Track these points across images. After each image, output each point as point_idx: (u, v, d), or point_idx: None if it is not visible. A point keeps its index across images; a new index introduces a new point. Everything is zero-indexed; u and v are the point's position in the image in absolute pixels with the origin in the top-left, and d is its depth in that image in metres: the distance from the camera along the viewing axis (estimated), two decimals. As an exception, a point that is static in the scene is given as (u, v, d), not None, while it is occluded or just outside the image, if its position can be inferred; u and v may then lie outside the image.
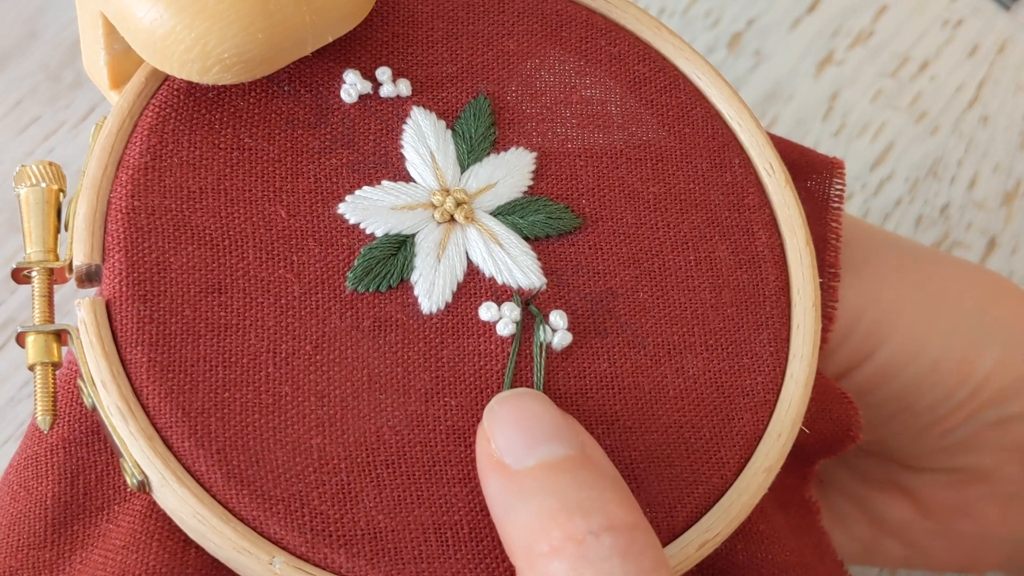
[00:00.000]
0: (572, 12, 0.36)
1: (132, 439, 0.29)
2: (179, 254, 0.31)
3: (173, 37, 0.30)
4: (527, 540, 0.27)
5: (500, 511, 0.28)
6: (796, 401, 0.32)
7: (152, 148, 0.32)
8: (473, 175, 0.33)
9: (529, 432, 0.28)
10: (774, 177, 0.35)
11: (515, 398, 0.29)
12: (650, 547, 0.27)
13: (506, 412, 0.29)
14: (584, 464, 0.28)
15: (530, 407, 0.29)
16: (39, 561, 0.31)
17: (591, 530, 0.26)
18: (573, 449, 0.28)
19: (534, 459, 0.28)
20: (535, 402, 0.29)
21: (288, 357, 0.30)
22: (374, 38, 0.34)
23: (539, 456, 0.28)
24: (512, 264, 0.32)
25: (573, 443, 0.28)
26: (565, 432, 0.28)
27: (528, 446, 0.28)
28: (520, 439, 0.28)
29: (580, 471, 0.28)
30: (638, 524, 0.27)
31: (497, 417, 0.29)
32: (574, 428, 0.29)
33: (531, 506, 0.27)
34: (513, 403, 0.29)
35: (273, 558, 0.28)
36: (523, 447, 0.28)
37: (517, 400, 0.29)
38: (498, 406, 0.29)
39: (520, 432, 0.28)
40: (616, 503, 0.27)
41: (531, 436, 0.28)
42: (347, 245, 0.32)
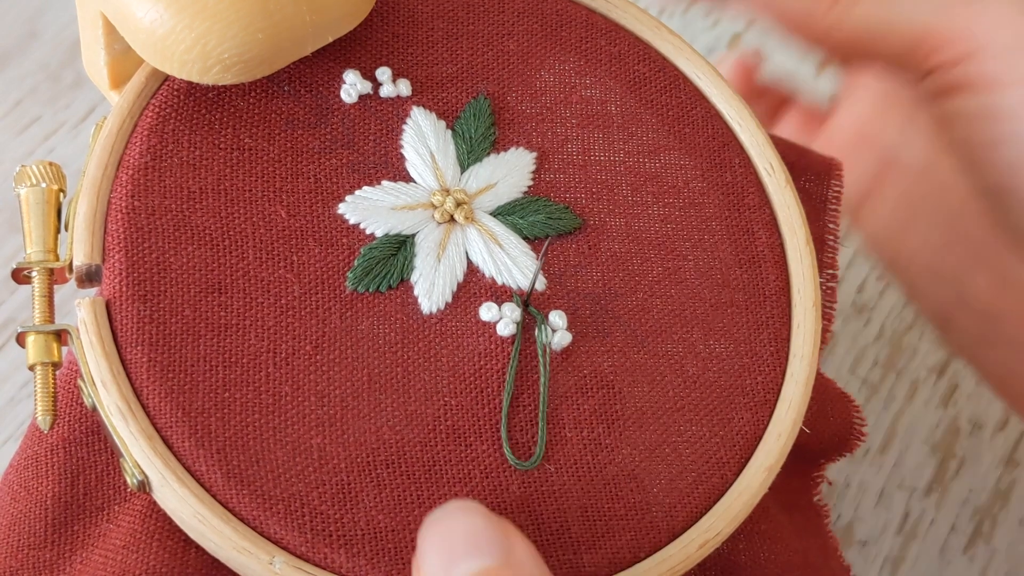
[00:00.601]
0: (572, 12, 0.36)
1: (132, 439, 0.29)
2: (179, 254, 0.31)
3: (173, 37, 0.30)
4: None
5: None
6: (796, 401, 0.32)
7: (152, 148, 0.32)
8: (473, 175, 0.33)
9: (449, 549, 0.27)
10: (774, 177, 0.35)
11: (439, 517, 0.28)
12: None
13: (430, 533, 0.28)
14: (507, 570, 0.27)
15: (452, 521, 0.28)
16: (39, 561, 0.31)
17: None
18: (491, 559, 0.27)
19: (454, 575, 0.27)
20: (459, 514, 0.28)
21: (288, 357, 0.30)
22: (374, 38, 0.34)
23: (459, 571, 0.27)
24: (512, 264, 0.32)
25: (494, 552, 0.27)
26: (485, 543, 0.27)
27: (447, 564, 0.27)
28: (441, 559, 0.27)
29: None
30: None
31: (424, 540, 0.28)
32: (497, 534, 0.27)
33: None
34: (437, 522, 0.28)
35: (273, 558, 0.28)
36: (442, 567, 0.27)
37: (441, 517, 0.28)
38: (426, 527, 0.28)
39: (441, 551, 0.27)
40: None
41: (451, 553, 0.27)
42: (347, 245, 0.32)
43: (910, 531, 0.51)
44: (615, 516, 0.30)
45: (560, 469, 0.30)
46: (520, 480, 0.30)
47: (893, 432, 0.53)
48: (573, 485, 0.30)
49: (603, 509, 0.30)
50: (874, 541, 0.51)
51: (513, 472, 0.30)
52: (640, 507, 0.30)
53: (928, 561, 0.51)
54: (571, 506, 0.30)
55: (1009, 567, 0.51)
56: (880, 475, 0.52)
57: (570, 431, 0.31)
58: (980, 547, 0.51)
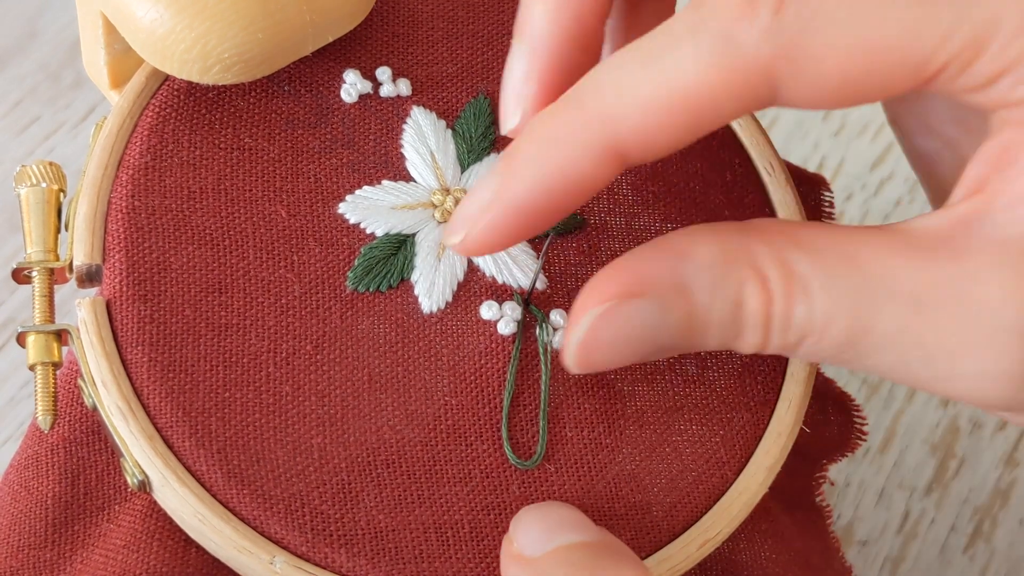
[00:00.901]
0: (572, 12, 0.36)
1: (133, 439, 0.29)
2: (179, 254, 0.31)
3: (173, 37, 0.30)
4: None
5: None
6: (797, 400, 0.32)
7: (152, 148, 0.32)
8: (473, 175, 0.33)
9: (548, 525, 0.28)
10: (774, 176, 0.35)
11: (539, 505, 0.29)
12: None
13: (529, 514, 0.28)
14: (604, 546, 0.27)
15: (552, 509, 0.29)
16: (40, 561, 0.31)
17: None
18: (593, 537, 0.28)
19: (552, 544, 0.27)
20: (558, 506, 0.29)
21: (289, 357, 0.30)
22: (374, 38, 0.34)
23: (557, 542, 0.27)
24: (512, 263, 0.32)
25: (593, 533, 0.28)
26: (584, 523, 0.28)
27: (547, 535, 0.27)
28: (539, 531, 0.28)
29: (600, 550, 0.27)
30: None
31: (520, 519, 0.28)
32: (596, 527, 0.28)
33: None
34: (536, 508, 0.29)
35: (274, 557, 0.28)
36: (542, 537, 0.27)
37: (541, 506, 0.29)
38: (523, 512, 0.29)
39: (539, 526, 0.28)
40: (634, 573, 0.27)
41: (550, 527, 0.28)
42: (347, 245, 0.32)
43: (910, 531, 0.51)
44: (615, 515, 0.30)
45: (560, 469, 0.30)
46: (520, 480, 0.30)
47: (893, 432, 0.53)
48: (573, 485, 0.30)
49: (603, 508, 0.30)
50: (874, 541, 0.51)
51: (513, 471, 0.30)
52: (640, 506, 0.30)
53: (928, 561, 0.51)
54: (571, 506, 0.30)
55: (1009, 567, 0.51)
56: (880, 475, 0.52)
57: (570, 431, 0.31)
58: (980, 547, 0.51)
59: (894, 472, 0.52)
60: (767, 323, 0.26)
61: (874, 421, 0.53)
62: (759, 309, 0.26)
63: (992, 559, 0.51)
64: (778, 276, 0.26)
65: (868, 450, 0.53)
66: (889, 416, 0.54)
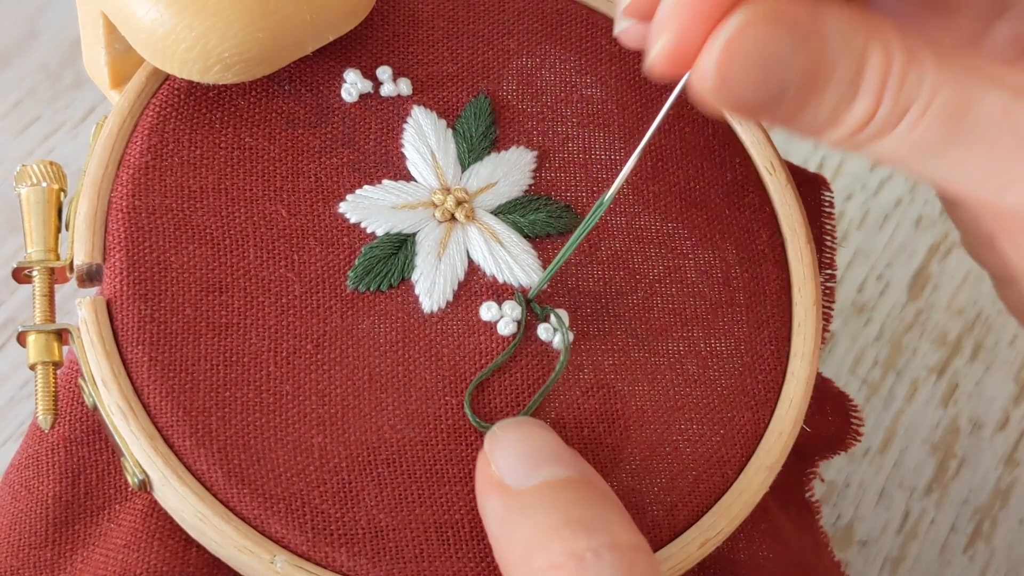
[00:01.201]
0: (573, 11, 0.36)
1: (133, 438, 0.29)
2: (180, 253, 0.31)
3: (174, 36, 0.30)
4: (525, 556, 0.26)
5: (498, 529, 0.27)
6: (797, 400, 0.32)
7: (153, 147, 0.32)
8: (474, 174, 0.33)
9: (531, 454, 0.28)
10: (775, 176, 0.35)
11: (518, 425, 0.29)
12: (651, 570, 0.26)
13: (509, 437, 0.28)
14: (587, 485, 0.27)
15: (533, 433, 0.28)
16: (40, 560, 0.31)
17: (592, 548, 0.26)
18: (576, 472, 0.28)
19: (537, 478, 0.27)
20: (538, 429, 0.29)
21: (289, 356, 0.30)
22: (374, 37, 0.34)
23: (542, 476, 0.27)
24: (513, 263, 0.32)
25: (576, 467, 0.28)
26: (568, 457, 0.28)
27: (531, 467, 0.27)
28: (522, 460, 0.28)
29: (583, 490, 0.27)
30: (640, 546, 0.27)
31: (499, 441, 0.28)
32: (576, 456, 0.28)
33: (533, 520, 0.26)
34: (516, 429, 0.29)
35: (274, 557, 0.28)
36: (526, 468, 0.27)
37: (520, 427, 0.29)
38: (500, 431, 0.29)
39: (522, 454, 0.28)
40: (619, 524, 0.27)
41: (534, 458, 0.28)
42: (348, 244, 0.32)
43: (910, 531, 0.51)
44: (616, 515, 0.30)
45: (561, 468, 0.30)
46: (521, 479, 0.30)
47: (893, 432, 0.53)
48: (574, 484, 0.30)
49: (604, 508, 0.30)
50: (874, 541, 0.51)
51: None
52: (641, 506, 0.30)
53: (928, 561, 0.51)
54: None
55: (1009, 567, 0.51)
56: (880, 475, 0.52)
57: (571, 430, 0.31)
58: (980, 547, 0.51)
59: (894, 472, 0.52)
60: (883, 83, 0.27)
61: (874, 421, 0.53)
62: (879, 67, 0.27)
63: (992, 559, 0.51)
64: (899, 48, 0.27)
65: (868, 450, 0.53)
66: (889, 416, 0.54)
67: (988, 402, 0.54)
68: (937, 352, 0.55)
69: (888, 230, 0.57)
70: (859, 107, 0.27)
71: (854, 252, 0.57)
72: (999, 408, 0.54)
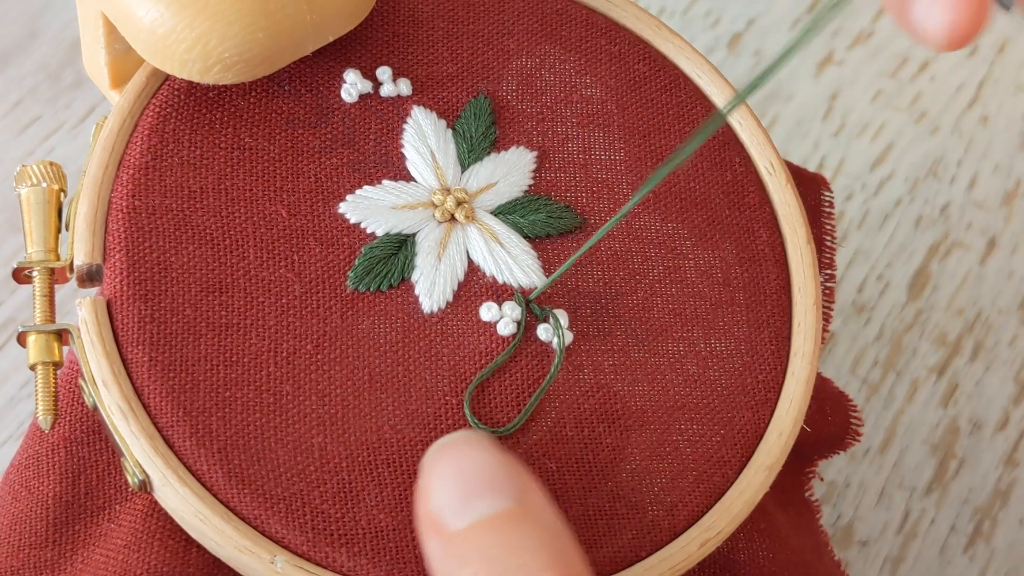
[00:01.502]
0: (572, 11, 0.36)
1: (133, 438, 0.29)
2: (180, 253, 0.31)
3: (174, 37, 0.30)
4: None
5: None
6: (798, 399, 0.32)
7: (153, 148, 0.32)
8: (474, 174, 0.33)
9: (463, 484, 0.26)
10: (775, 176, 0.35)
11: (450, 446, 0.27)
12: None
13: (443, 464, 0.27)
14: (520, 520, 0.26)
15: (465, 455, 0.27)
16: (41, 560, 0.31)
17: None
18: (509, 499, 0.26)
19: (469, 517, 0.26)
20: (472, 448, 0.27)
21: (289, 356, 0.30)
22: (374, 38, 0.34)
23: (474, 514, 0.26)
24: (513, 263, 0.32)
25: (511, 492, 0.26)
26: (503, 479, 0.27)
27: (463, 500, 0.26)
28: (455, 492, 0.26)
29: (515, 529, 0.26)
30: None
31: (434, 470, 0.27)
32: (512, 472, 0.27)
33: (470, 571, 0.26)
34: (449, 452, 0.27)
35: (275, 557, 0.28)
36: (458, 502, 0.26)
37: (452, 448, 0.27)
38: (435, 455, 0.27)
39: (455, 484, 0.27)
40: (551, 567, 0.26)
41: (466, 488, 0.26)
42: (348, 244, 0.32)
43: (910, 531, 0.51)
44: (616, 515, 0.30)
45: (561, 468, 0.30)
46: (521, 479, 0.30)
47: (893, 432, 0.53)
48: (574, 484, 0.30)
49: (604, 508, 0.30)
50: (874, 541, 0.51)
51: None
52: (641, 506, 0.30)
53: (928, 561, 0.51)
54: (572, 505, 0.30)
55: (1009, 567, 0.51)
56: (880, 475, 0.52)
57: (571, 430, 0.31)
58: (980, 547, 0.51)
59: (894, 472, 0.53)
60: None
61: (874, 421, 0.53)
62: None
63: (992, 559, 0.51)
64: None
65: (868, 450, 0.53)
66: (889, 416, 0.54)
67: (988, 402, 0.54)
68: (937, 352, 0.55)
69: (888, 230, 0.57)
70: None
71: (854, 252, 0.57)
72: (999, 408, 0.54)
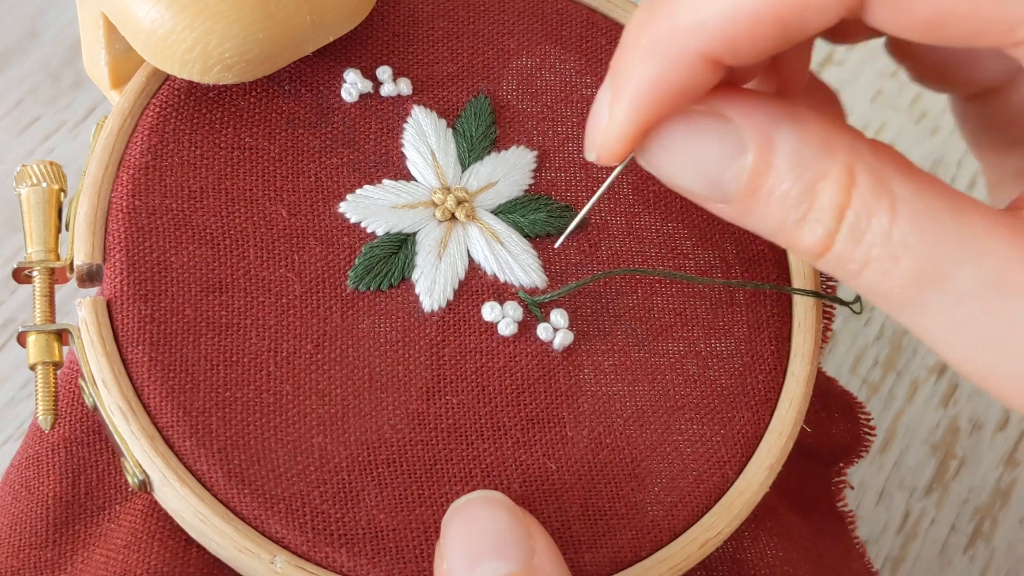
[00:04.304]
0: (573, 11, 0.36)
1: (133, 438, 0.29)
2: (180, 253, 0.31)
3: (174, 37, 0.30)
4: None
5: None
6: (797, 399, 0.32)
7: (153, 148, 0.32)
8: (474, 174, 0.33)
9: (472, 546, 0.27)
10: (775, 176, 0.35)
11: (464, 508, 0.28)
12: None
13: (455, 526, 0.28)
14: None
15: (478, 516, 0.28)
16: (41, 560, 0.31)
17: None
18: (517, 564, 0.27)
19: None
20: (482, 511, 0.28)
21: (289, 356, 0.30)
22: (375, 37, 0.34)
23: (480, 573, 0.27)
24: (513, 262, 0.32)
25: (517, 556, 0.27)
26: (510, 545, 0.27)
27: (470, 563, 0.27)
28: (464, 555, 0.27)
29: None
30: None
31: (447, 531, 0.28)
32: (520, 536, 0.28)
33: None
34: (461, 514, 0.28)
35: (274, 557, 0.28)
36: (465, 566, 0.27)
37: (465, 510, 0.28)
38: (450, 517, 0.28)
39: (464, 548, 0.27)
40: None
41: (473, 551, 0.27)
42: (348, 244, 0.32)
43: (910, 531, 0.51)
44: (616, 515, 0.30)
45: (561, 468, 0.30)
46: (521, 479, 0.30)
47: (893, 432, 0.53)
48: (574, 484, 0.30)
49: (604, 508, 0.30)
50: (874, 541, 0.51)
51: (514, 471, 0.30)
52: (641, 506, 0.30)
53: (928, 561, 0.51)
54: (572, 505, 0.30)
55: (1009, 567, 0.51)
56: (880, 475, 0.52)
57: (571, 430, 0.31)
58: (980, 547, 0.51)
59: (894, 472, 0.52)
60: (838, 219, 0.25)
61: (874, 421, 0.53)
62: (833, 203, 0.25)
63: (992, 559, 0.51)
64: (869, 184, 0.25)
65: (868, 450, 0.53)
66: (889, 416, 0.54)
67: (988, 402, 0.54)
68: (937, 352, 0.55)
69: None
70: (810, 232, 0.25)
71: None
72: (999, 408, 0.54)
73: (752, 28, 0.24)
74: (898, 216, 0.24)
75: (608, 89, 0.26)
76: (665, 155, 0.26)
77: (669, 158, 0.26)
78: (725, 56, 0.25)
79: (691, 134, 0.26)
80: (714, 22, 0.24)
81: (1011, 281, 0.24)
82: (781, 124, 0.25)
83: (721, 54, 0.25)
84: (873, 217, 0.24)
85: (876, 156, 0.25)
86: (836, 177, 0.25)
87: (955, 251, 0.24)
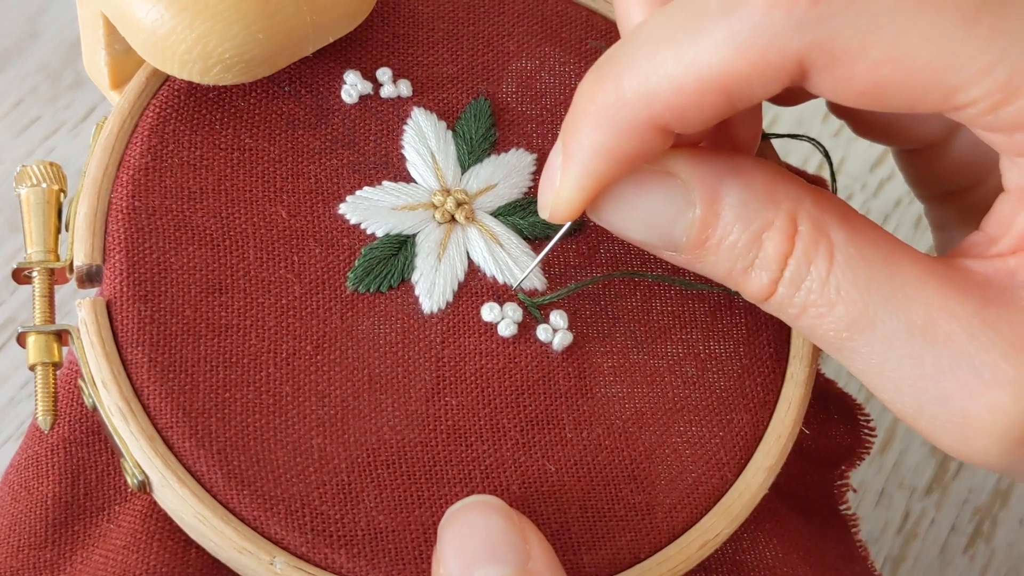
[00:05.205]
0: (573, 13, 0.36)
1: (133, 439, 0.29)
2: (180, 254, 0.31)
3: (174, 37, 0.30)
4: None
5: None
6: (796, 402, 0.32)
7: (153, 148, 0.32)
8: (474, 176, 0.33)
9: (466, 552, 0.27)
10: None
11: (460, 513, 0.28)
12: None
13: (451, 530, 0.28)
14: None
15: (472, 521, 0.28)
16: (40, 561, 0.31)
17: None
18: (512, 568, 0.27)
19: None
20: (478, 515, 0.28)
21: (289, 357, 0.30)
22: (375, 39, 0.34)
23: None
24: (513, 264, 0.32)
25: (513, 560, 0.27)
26: (505, 549, 0.27)
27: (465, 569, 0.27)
28: (459, 559, 0.27)
29: None
30: None
31: (444, 535, 0.28)
32: (516, 540, 0.28)
33: None
34: (457, 518, 0.28)
35: (274, 558, 0.28)
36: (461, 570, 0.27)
37: (461, 515, 0.28)
38: (447, 521, 0.28)
39: (460, 553, 0.27)
40: None
41: (467, 556, 0.27)
42: (348, 245, 0.32)
43: (910, 531, 0.51)
44: (615, 516, 0.30)
45: (560, 469, 0.30)
46: (520, 480, 0.30)
47: (893, 432, 0.53)
48: (573, 485, 0.30)
49: (603, 509, 0.30)
50: (874, 541, 0.51)
51: (513, 472, 0.30)
52: (640, 507, 0.30)
53: (928, 561, 0.51)
54: (571, 506, 0.30)
55: (1009, 567, 0.51)
56: (880, 475, 0.52)
57: (570, 431, 0.31)
58: (980, 547, 0.51)
59: (894, 472, 0.52)
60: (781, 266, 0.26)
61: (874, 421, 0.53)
62: (778, 253, 0.26)
63: (992, 559, 0.51)
64: (809, 231, 0.26)
65: (868, 450, 0.53)
66: (889, 416, 0.54)
67: (988, 402, 0.54)
68: (937, 352, 0.55)
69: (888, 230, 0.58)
70: (757, 279, 0.27)
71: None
72: (999, 408, 0.54)
73: (699, 98, 0.25)
74: (835, 264, 0.26)
75: (559, 153, 0.27)
76: (615, 212, 0.28)
77: (619, 215, 0.28)
78: (673, 124, 0.26)
79: (640, 193, 0.27)
80: (661, 92, 0.25)
81: (938, 329, 0.25)
82: (726, 177, 0.27)
83: (669, 122, 0.26)
84: (812, 264, 0.26)
85: (816, 204, 0.26)
86: (780, 226, 0.26)
87: (885, 299, 0.26)
